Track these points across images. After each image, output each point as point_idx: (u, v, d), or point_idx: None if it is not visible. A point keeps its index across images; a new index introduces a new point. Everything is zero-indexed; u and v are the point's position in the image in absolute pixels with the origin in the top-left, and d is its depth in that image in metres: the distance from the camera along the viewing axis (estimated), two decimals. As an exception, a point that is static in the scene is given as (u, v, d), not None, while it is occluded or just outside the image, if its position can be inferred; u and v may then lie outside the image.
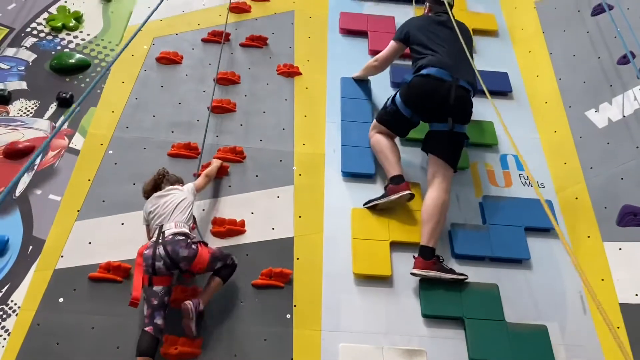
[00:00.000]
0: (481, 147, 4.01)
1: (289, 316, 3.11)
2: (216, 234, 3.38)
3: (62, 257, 3.22)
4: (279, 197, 3.62)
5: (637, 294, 3.16)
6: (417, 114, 3.58)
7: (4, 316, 3.02)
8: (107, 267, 3.15)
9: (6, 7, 4.76)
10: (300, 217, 3.53)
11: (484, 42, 4.77)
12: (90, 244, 3.29)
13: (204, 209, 3.49)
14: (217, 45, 4.45)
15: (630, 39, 3.87)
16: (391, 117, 3.63)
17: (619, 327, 3.10)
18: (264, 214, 3.52)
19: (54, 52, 4.46)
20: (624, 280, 3.23)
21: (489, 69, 4.50)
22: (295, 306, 3.15)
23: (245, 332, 3.03)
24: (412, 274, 3.26)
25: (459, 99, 3.45)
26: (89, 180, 3.56)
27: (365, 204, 3.58)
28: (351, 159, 3.81)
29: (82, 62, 4.39)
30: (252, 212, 3.52)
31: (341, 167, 3.79)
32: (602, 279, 3.29)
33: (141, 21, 4.52)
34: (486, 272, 3.39)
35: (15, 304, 3.06)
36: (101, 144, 3.76)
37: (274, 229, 3.46)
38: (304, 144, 3.92)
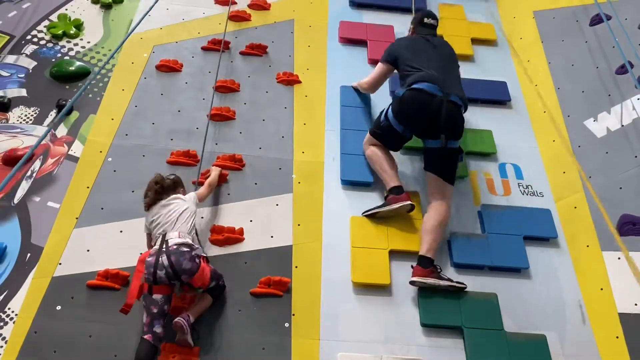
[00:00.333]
0: (480, 156, 4.01)
1: (287, 325, 3.10)
2: (215, 242, 3.37)
3: (60, 264, 3.21)
4: (277, 205, 3.62)
5: (637, 304, 3.15)
6: (409, 128, 3.58)
7: (1, 324, 3.01)
8: (105, 275, 3.14)
9: (7, 14, 4.78)
10: (299, 225, 3.53)
11: (483, 51, 4.79)
12: (88, 251, 3.28)
13: (203, 217, 3.48)
14: (217, 53, 4.46)
15: (628, 49, 3.89)
16: (384, 131, 3.64)
17: (618, 337, 3.10)
18: (263, 222, 3.52)
19: (54, 60, 4.47)
20: (623, 289, 3.22)
21: (487, 78, 4.52)
22: (293, 315, 3.14)
23: (243, 340, 3.02)
24: (411, 282, 3.25)
25: (450, 114, 3.44)
26: (88, 187, 3.56)
27: (364, 213, 3.57)
28: (350, 167, 3.81)
29: (82, 70, 4.40)
30: (251, 220, 3.51)
31: (340, 176, 3.79)
32: (601, 289, 3.29)
33: (141, 29, 4.57)
34: (485, 281, 3.39)
35: (12, 312, 3.05)
36: (100, 152, 3.76)
37: (272, 237, 3.45)
38: (303, 152, 3.93)
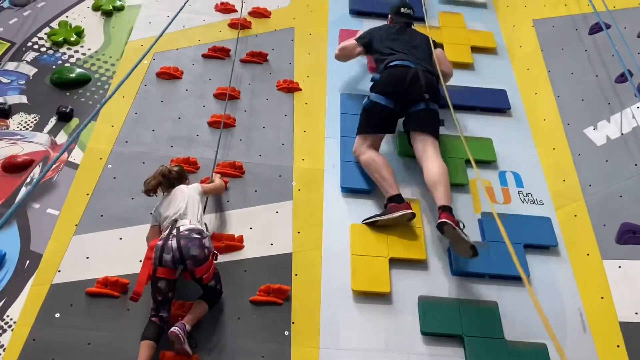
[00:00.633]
0: (480, 163, 3.99)
1: (287, 333, 3.09)
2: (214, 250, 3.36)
3: (59, 271, 3.20)
4: (277, 212, 3.62)
5: (637, 313, 3.15)
6: (395, 99, 3.76)
7: (0, 332, 2.99)
8: (104, 282, 3.13)
9: (8, 21, 4.79)
10: (299, 232, 3.52)
11: (482, 59, 4.81)
12: (87, 258, 3.27)
13: (203, 224, 3.48)
14: (218, 60, 4.48)
15: (627, 57, 3.90)
16: (371, 115, 3.78)
17: (618, 346, 3.09)
18: (263, 230, 3.51)
19: (54, 67, 4.48)
20: (623, 298, 3.22)
21: (487, 86, 4.53)
22: (293, 323, 3.13)
23: (242, 349, 3.00)
24: (441, 224, 3.26)
25: (428, 80, 3.80)
26: (88, 194, 3.55)
27: (364, 220, 3.57)
28: (350, 175, 3.81)
29: (82, 77, 4.40)
30: (251, 228, 3.51)
31: (340, 183, 3.79)
32: (602, 297, 3.28)
33: (142, 37, 4.60)
34: (485, 289, 3.38)
35: (11, 319, 3.03)
36: (100, 158, 3.76)
37: (272, 244, 3.45)
38: (304, 160, 3.93)
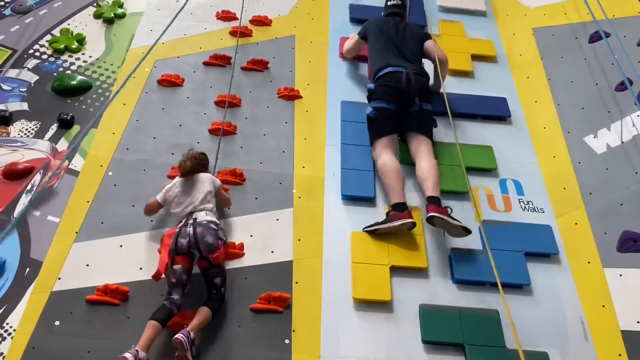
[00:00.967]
0: (480, 171, 4.01)
1: (287, 341, 3.08)
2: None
3: (59, 279, 3.19)
4: (278, 220, 3.61)
5: (639, 321, 3.14)
6: (395, 102, 3.92)
7: (-1, 339, 2.99)
8: (104, 290, 3.12)
9: (9, 29, 4.81)
10: (299, 240, 3.52)
11: (482, 67, 4.82)
12: (88, 266, 3.26)
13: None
14: (219, 68, 4.49)
15: (627, 65, 3.91)
16: (378, 121, 3.90)
17: (620, 355, 3.08)
18: (263, 237, 3.51)
19: (55, 74, 4.48)
20: (625, 306, 3.21)
21: (487, 94, 4.55)
22: (294, 331, 3.12)
23: (243, 357, 2.99)
24: (429, 218, 3.42)
25: (419, 82, 3.96)
26: (88, 201, 3.55)
27: (365, 228, 3.57)
28: (351, 183, 3.82)
29: (83, 84, 4.41)
30: (251, 235, 3.50)
31: (341, 191, 3.79)
32: (603, 305, 3.27)
33: (143, 44, 4.62)
34: (486, 297, 3.37)
35: (10, 327, 3.02)
36: (101, 166, 3.76)
37: (273, 252, 3.44)
38: (304, 167, 3.93)
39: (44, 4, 5.07)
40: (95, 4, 5.10)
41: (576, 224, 3.67)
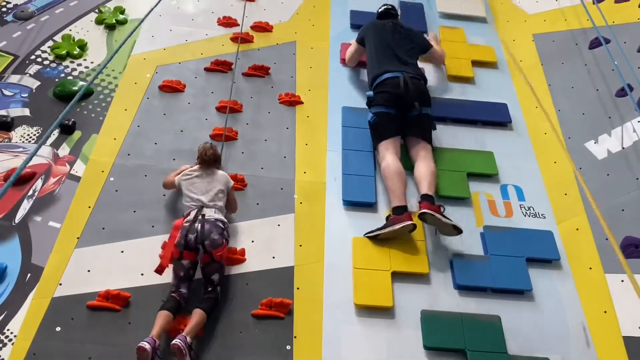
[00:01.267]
0: (482, 177, 4.02)
1: (289, 347, 3.07)
2: (216, 263, 3.35)
3: (60, 285, 3.18)
4: (279, 225, 3.61)
5: (641, 327, 3.13)
6: (394, 107, 3.95)
7: (0, 345, 2.97)
8: (105, 296, 3.12)
9: (11, 35, 4.82)
10: (300, 245, 3.52)
11: (483, 73, 4.84)
12: (89, 271, 3.26)
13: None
14: (220, 74, 4.50)
15: (627, 71, 3.92)
16: (379, 125, 3.93)
17: (622, 361, 3.08)
18: (265, 243, 3.51)
19: (57, 80, 4.49)
20: (627, 312, 3.20)
21: (488, 100, 4.55)
22: (295, 337, 3.11)
23: (244, 363, 2.99)
24: (421, 215, 3.46)
25: (416, 87, 4.00)
26: (90, 207, 3.55)
27: (366, 234, 3.57)
28: (352, 188, 3.82)
29: (85, 90, 4.40)
30: (253, 241, 3.50)
31: (342, 196, 3.79)
32: (605, 311, 3.27)
33: (144, 50, 4.64)
34: (488, 303, 3.36)
35: (11, 333, 3.01)
36: (102, 171, 3.76)
37: (274, 257, 3.44)
38: (305, 172, 3.93)
39: (46, 10, 5.08)
40: (96, 10, 5.11)
41: (577, 229, 3.67)
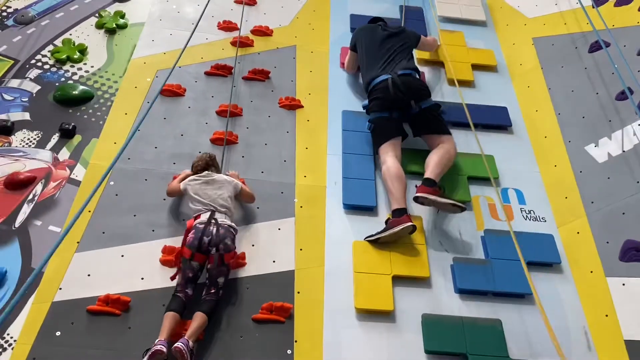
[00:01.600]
0: (482, 180, 4.01)
1: (289, 352, 3.06)
2: (217, 267, 3.35)
3: (60, 289, 3.18)
4: (280, 229, 3.61)
5: (642, 331, 3.13)
6: (391, 110, 3.94)
7: (0, 350, 2.96)
8: (106, 300, 3.11)
9: (12, 39, 4.82)
10: (301, 249, 3.51)
11: (483, 77, 4.84)
12: (89, 276, 3.25)
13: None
14: (220, 78, 4.51)
15: (627, 75, 3.93)
16: (378, 129, 3.96)
17: (624, 365, 3.07)
18: (265, 247, 3.50)
19: (57, 84, 4.49)
20: (628, 316, 3.20)
21: (488, 104, 4.56)
22: (296, 341, 3.10)
23: (245, 367, 2.98)
24: (414, 198, 3.56)
25: (407, 83, 3.96)
26: (90, 211, 3.54)
27: (367, 238, 3.56)
28: (352, 192, 3.82)
29: (85, 94, 4.41)
30: (253, 245, 3.50)
31: (342, 200, 3.79)
32: (606, 315, 3.26)
33: (145, 54, 4.64)
34: (489, 307, 3.36)
35: (11, 337, 3.00)
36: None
37: (274, 261, 3.43)
38: (305, 176, 3.93)
39: (46, 15, 5.09)
40: (97, 15, 5.12)
41: (578, 233, 3.67)
